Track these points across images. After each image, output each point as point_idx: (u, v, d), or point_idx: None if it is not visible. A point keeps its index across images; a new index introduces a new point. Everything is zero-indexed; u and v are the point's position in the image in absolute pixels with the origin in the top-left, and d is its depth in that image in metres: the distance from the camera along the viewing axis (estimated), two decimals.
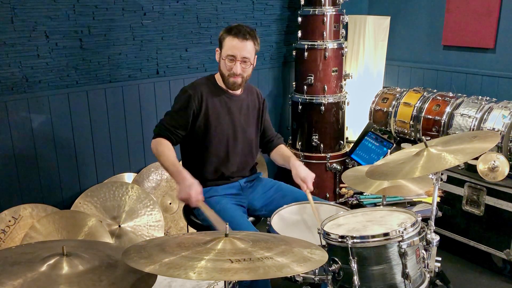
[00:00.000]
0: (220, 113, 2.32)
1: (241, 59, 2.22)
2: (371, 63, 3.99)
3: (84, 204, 2.96)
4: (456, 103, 3.13)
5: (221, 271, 1.21)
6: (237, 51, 2.21)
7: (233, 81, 2.27)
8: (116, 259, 1.39)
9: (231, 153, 2.37)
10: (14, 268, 1.28)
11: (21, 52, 2.72)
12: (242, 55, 2.22)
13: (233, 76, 2.25)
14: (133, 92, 3.20)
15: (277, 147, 2.56)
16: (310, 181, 2.28)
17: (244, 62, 2.24)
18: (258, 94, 2.50)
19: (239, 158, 2.40)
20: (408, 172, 1.78)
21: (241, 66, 2.24)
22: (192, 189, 2.09)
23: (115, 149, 3.19)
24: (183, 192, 2.11)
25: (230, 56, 2.22)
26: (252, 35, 2.24)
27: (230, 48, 2.22)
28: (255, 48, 2.27)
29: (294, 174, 2.32)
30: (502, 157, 2.71)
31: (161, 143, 2.25)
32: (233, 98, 2.36)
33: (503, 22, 3.30)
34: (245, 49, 2.22)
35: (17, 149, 2.80)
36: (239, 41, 2.21)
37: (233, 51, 2.21)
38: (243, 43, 2.21)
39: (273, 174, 4.04)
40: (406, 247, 1.63)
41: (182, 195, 2.12)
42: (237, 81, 2.27)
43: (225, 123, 2.33)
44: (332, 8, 3.48)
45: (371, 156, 3.47)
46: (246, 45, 2.22)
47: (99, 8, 2.93)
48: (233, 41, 2.21)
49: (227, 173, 2.39)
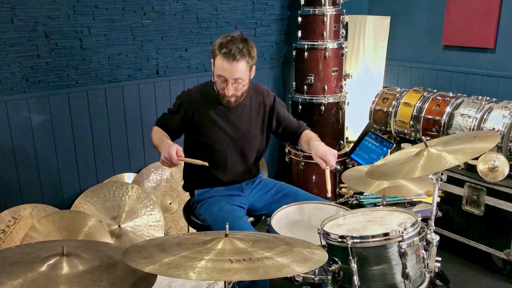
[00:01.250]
0: (215, 119, 2.27)
1: (233, 80, 2.12)
2: (371, 63, 3.99)
3: (84, 204, 2.96)
4: (456, 103, 3.13)
5: (221, 271, 1.21)
6: (227, 74, 2.10)
7: (226, 100, 2.19)
8: (116, 259, 1.39)
9: (232, 162, 2.34)
10: (14, 268, 1.28)
11: (21, 52, 2.72)
12: (233, 77, 2.11)
13: (225, 96, 2.17)
14: (133, 92, 3.20)
15: (302, 135, 2.44)
16: (330, 157, 2.12)
17: (237, 82, 2.14)
18: (265, 95, 2.39)
19: (241, 164, 2.37)
20: (408, 172, 1.78)
21: (233, 87, 2.14)
22: (171, 148, 2.06)
23: (115, 149, 3.19)
24: (163, 153, 2.08)
25: (220, 77, 2.13)
26: (243, 53, 2.10)
27: (221, 69, 2.11)
28: (248, 65, 2.15)
29: (313, 154, 2.20)
30: (502, 157, 2.71)
31: (154, 129, 2.32)
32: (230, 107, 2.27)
33: (503, 22, 3.30)
34: (236, 70, 2.10)
35: (17, 149, 2.80)
36: (229, 64, 2.08)
37: (223, 72, 2.10)
38: (234, 65, 2.08)
39: (273, 174, 4.05)
40: (406, 247, 1.63)
41: (162, 156, 2.08)
42: (230, 101, 2.19)
43: (223, 128, 2.28)
44: (332, 8, 3.48)
45: (371, 156, 3.47)
46: (238, 66, 2.09)
47: (99, 8, 2.93)
48: (223, 63, 2.09)
49: (227, 180, 2.37)
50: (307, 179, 3.68)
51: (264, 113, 2.39)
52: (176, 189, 3.31)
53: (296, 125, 2.47)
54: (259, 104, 2.37)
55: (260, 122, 2.39)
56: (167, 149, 2.06)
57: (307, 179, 3.68)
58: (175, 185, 3.31)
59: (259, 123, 2.38)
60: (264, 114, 2.39)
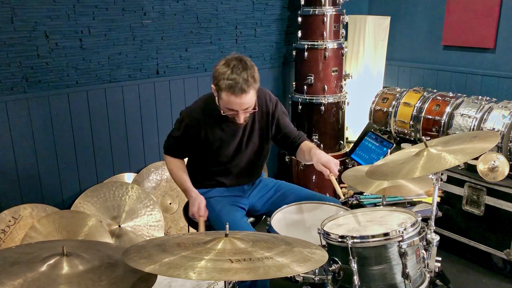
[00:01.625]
0: (223, 138, 2.24)
1: (243, 111, 2.06)
2: (371, 63, 3.99)
3: (84, 204, 2.96)
4: (456, 103, 3.13)
5: (221, 271, 1.21)
6: (237, 106, 2.03)
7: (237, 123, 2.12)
8: (116, 259, 1.39)
9: (235, 168, 2.34)
10: (14, 268, 1.28)
11: (21, 52, 2.72)
12: (243, 108, 2.05)
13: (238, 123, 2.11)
14: (133, 92, 3.20)
15: (301, 145, 2.37)
16: (333, 165, 2.11)
17: (247, 111, 2.08)
18: (267, 100, 2.31)
19: (244, 171, 2.38)
20: (408, 172, 1.78)
21: (244, 115, 2.09)
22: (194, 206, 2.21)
23: (115, 149, 3.19)
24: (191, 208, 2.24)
25: (230, 110, 2.07)
26: (249, 83, 2.00)
27: (229, 103, 2.04)
28: (255, 90, 2.07)
29: (315, 161, 2.16)
30: (502, 157, 2.70)
31: (169, 161, 2.37)
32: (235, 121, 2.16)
33: (503, 22, 3.30)
34: (246, 102, 2.03)
35: (17, 149, 2.80)
36: (238, 98, 2.00)
37: (232, 106, 2.04)
38: (243, 98, 2.00)
39: (273, 174, 4.04)
40: (406, 247, 1.63)
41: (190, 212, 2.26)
42: (241, 123, 2.13)
43: (228, 144, 2.27)
44: (332, 8, 3.48)
45: (371, 156, 3.47)
46: (246, 98, 2.01)
47: (99, 8, 2.93)
48: (230, 97, 2.00)
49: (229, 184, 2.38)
50: (307, 179, 3.68)
51: (267, 120, 2.33)
52: (176, 189, 3.30)
53: (296, 135, 2.39)
54: (261, 112, 2.30)
55: (262, 129, 2.34)
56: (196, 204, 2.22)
57: (307, 179, 3.68)
58: (175, 185, 3.28)
59: (262, 131, 2.34)
60: (267, 121, 2.34)
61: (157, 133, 3.36)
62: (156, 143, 3.36)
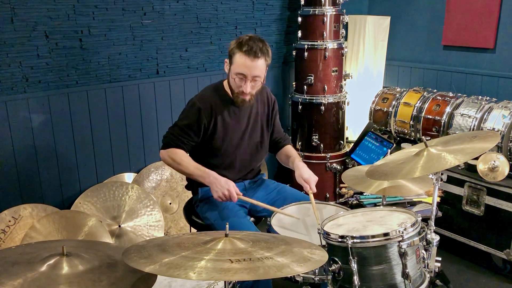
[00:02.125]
0: (229, 124, 2.28)
1: (252, 78, 2.13)
2: (371, 63, 3.99)
3: (84, 204, 2.96)
4: (456, 103, 3.13)
5: (221, 271, 1.21)
6: (248, 71, 2.11)
7: (242, 99, 2.19)
8: (116, 259, 1.39)
9: (238, 159, 2.35)
10: (14, 268, 1.28)
11: (21, 52, 2.72)
12: (253, 74, 2.12)
13: (242, 94, 2.17)
14: (133, 92, 3.20)
15: (284, 148, 2.53)
16: (313, 183, 2.25)
17: (255, 80, 2.15)
18: (268, 94, 2.43)
19: (246, 163, 2.39)
20: (408, 172, 1.78)
21: (251, 85, 2.15)
22: (230, 185, 2.12)
23: (115, 149, 3.19)
24: (220, 190, 2.12)
25: (240, 74, 2.13)
26: (264, 52, 2.12)
27: (240, 67, 2.11)
28: (266, 64, 2.16)
29: (297, 175, 2.30)
30: (502, 157, 2.71)
31: (175, 153, 2.24)
32: (242, 107, 2.29)
33: (503, 22, 3.30)
34: (257, 68, 2.11)
35: (17, 149, 2.80)
36: (250, 60, 2.09)
37: (243, 70, 2.11)
38: (255, 62, 2.10)
39: (273, 174, 4.04)
40: (406, 247, 1.63)
41: (220, 193, 2.13)
42: (246, 99, 2.20)
43: (233, 132, 2.30)
44: (332, 8, 3.48)
45: (371, 156, 3.47)
46: (258, 63, 2.10)
47: (99, 8, 2.93)
48: (244, 59, 2.10)
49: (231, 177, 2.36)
50: None
51: (267, 111, 2.43)
52: (176, 189, 3.31)
53: (282, 136, 2.54)
54: (263, 103, 2.41)
55: (265, 120, 2.42)
56: (225, 187, 2.12)
57: None
58: (175, 185, 3.31)
59: (264, 122, 2.42)
60: (268, 113, 2.43)
61: (157, 133, 3.36)
62: (156, 143, 3.36)
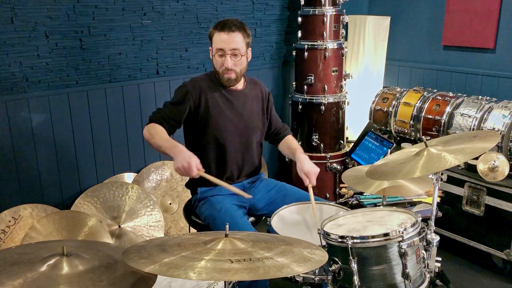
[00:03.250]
0: (221, 107, 2.30)
1: (231, 51, 2.20)
2: (371, 63, 3.99)
3: (84, 204, 2.96)
4: (456, 103, 3.13)
5: (221, 271, 1.21)
6: (225, 44, 2.20)
7: (227, 77, 2.25)
8: (116, 259, 1.39)
9: (235, 146, 2.35)
10: (14, 268, 1.28)
11: (21, 52, 2.72)
12: (230, 47, 2.20)
13: (226, 72, 2.24)
14: (133, 92, 3.20)
15: (285, 138, 2.55)
16: (313, 176, 2.25)
17: (235, 55, 2.21)
18: (262, 87, 2.48)
19: (243, 152, 2.38)
20: (408, 172, 1.78)
21: (231, 60, 2.21)
22: (191, 159, 2.02)
23: (115, 149, 3.19)
24: (181, 161, 2.00)
25: (219, 50, 2.21)
26: (239, 27, 2.22)
27: (218, 43, 2.21)
28: (245, 40, 2.24)
29: (298, 167, 2.30)
30: (502, 157, 2.71)
31: (154, 127, 2.22)
32: (234, 93, 2.34)
33: (503, 22, 3.30)
34: (233, 41, 2.20)
35: (17, 149, 2.80)
36: (226, 34, 2.20)
37: (221, 45, 2.20)
38: (230, 35, 2.19)
39: (273, 174, 4.05)
40: (406, 247, 1.63)
41: (179, 164, 2.00)
42: (231, 77, 2.25)
43: (228, 116, 2.31)
44: (332, 8, 3.48)
45: (371, 156, 3.47)
46: (234, 36, 2.20)
47: (99, 8, 2.93)
48: (220, 36, 2.21)
49: (229, 169, 2.36)
50: None
51: (262, 103, 2.45)
52: (176, 189, 3.31)
53: (281, 126, 2.57)
54: (257, 95, 2.44)
55: (260, 112, 2.44)
56: (187, 159, 2.00)
57: None
58: (175, 185, 3.31)
59: (259, 114, 2.43)
60: (263, 104, 2.46)
61: None
62: None
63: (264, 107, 2.46)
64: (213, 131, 2.30)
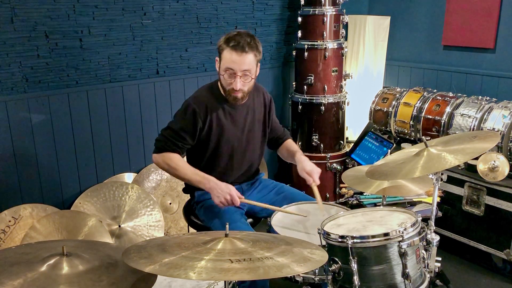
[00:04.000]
0: (224, 125, 2.24)
1: (241, 73, 2.09)
2: (371, 63, 3.99)
3: (84, 204, 2.96)
4: (456, 103, 3.13)
5: (221, 271, 1.21)
6: (236, 66, 2.07)
7: (234, 96, 2.16)
8: (116, 259, 1.39)
9: (236, 162, 2.33)
10: (14, 268, 1.28)
11: (21, 52, 2.72)
12: (241, 68, 2.08)
13: (233, 91, 2.14)
14: (133, 92, 3.20)
15: (284, 143, 2.52)
16: (316, 175, 2.23)
17: (245, 75, 2.11)
18: (264, 93, 2.41)
19: (244, 165, 2.38)
20: (408, 172, 1.78)
21: (241, 81, 2.10)
22: (231, 189, 2.07)
23: (115, 149, 3.19)
24: (221, 195, 2.07)
25: (229, 69, 2.10)
26: (252, 46, 2.09)
27: (229, 62, 2.08)
28: (256, 59, 2.13)
29: (299, 168, 2.27)
30: (502, 157, 2.71)
31: (170, 158, 2.20)
32: (237, 107, 2.27)
33: (503, 22, 3.30)
34: (245, 62, 2.07)
35: (17, 149, 2.80)
36: (238, 55, 2.06)
37: (232, 65, 2.08)
38: (242, 56, 2.06)
39: (272, 174, 4.04)
40: (406, 247, 1.63)
41: (222, 198, 2.08)
42: (238, 96, 2.16)
43: (230, 133, 2.27)
44: (332, 8, 3.48)
45: (371, 156, 3.47)
46: (246, 58, 2.07)
47: (99, 8, 2.93)
48: (231, 55, 2.07)
49: (230, 180, 2.34)
50: None
51: (264, 111, 2.40)
52: (176, 189, 3.31)
53: (282, 132, 2.54)
54: (260, 104, 2.38)
55: (261, 120, 2.39)
56: (226, 191, 2.06)
57: None
58: (175, 185, 3.31)
59: (261, 121, 2.39)
60: (265, 112, 2.41)
61: (157, 133, 3.35)
62: None
63: (266, 114, 2.40)
64: (214, 145, 2.27)
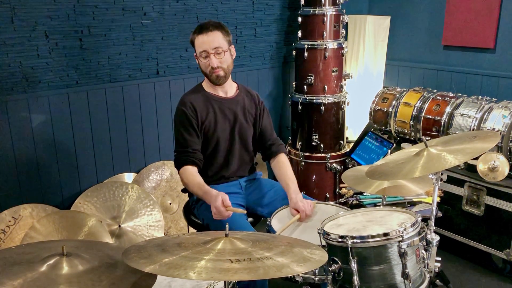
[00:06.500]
0: (214, 119, 2.32)
1: (214, 50, 2.23)
2: (371, 63, 3.99)
3: (84, 204, 2.96)
4: (456, 103, 3.13)
5: (221, 271, 1.21)
6: (206, 45, 2.23)
7: (215, 75, 2.28)
8: (116, 259, 1.39)
9: (230, 155, 2.38)
10: (14, 268, 1.28)
11: (21, 52, 2.72)
12: (212, 46, 2.23)
13: (213, 71, 2.26)
14: (133, 92, 3.20)
15: (278, 158, 2.46)
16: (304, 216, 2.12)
17: (218, 53, 2.25)
18: (256, 96, 2.49)
19: (238, 159, 2.41)
20: (408, 172, 1.78)
21: (216, 59, 2.24)
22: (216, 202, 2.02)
23: (115, 149, 3.19)
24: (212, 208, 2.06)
25: (202, 52, 2.24)
26: (216, 26, 2.26)
27: (200, 45, 2.25)
28: (225, 38, 2.27)
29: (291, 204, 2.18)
30: (502, 157, 2.71)
31: (184, 173, 2.26)
32: (225, 101, 2.36)
33: (503, 22, 3.30)
34: (214, 40, 2.23)
35: (17, 149, 2.80)
36: (205, 36, 2.23)
37: (203, 46, 2.24)
38: (209, 35, 2.23)
39: (273, 174, 4.04)
40: (406, 247, 1.63)
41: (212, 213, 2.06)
42: (220, 74, 2.28)
43: (221, 127, 2.33)
44: (332, 8, 3.48)
45: (371, 156, 3.47)
46: (213, 36, 2.23)
47: (99, 8, 2.93)
48: (200, 38, 2.24)
49: (226, 174, 2.40)
50: (307, 179, 3.68)
51: (256, 110, 2.45)
52: (176, 189, 3.31)
53: (273, 139, 2.49)
54: (250, 103, 2.44)
55: (252, 119, 2.44)
56: (214, 204, 2.04)
57: (307, 179, 3.68)
58: (175, 185, 3.31)
59: (251, 120, 2.44)
60: (256, 111, 2.45)
61: (157, 133, 3.36)
62: (156, 143, 3.36)
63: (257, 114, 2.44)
64: (208, 142, 2.33)
